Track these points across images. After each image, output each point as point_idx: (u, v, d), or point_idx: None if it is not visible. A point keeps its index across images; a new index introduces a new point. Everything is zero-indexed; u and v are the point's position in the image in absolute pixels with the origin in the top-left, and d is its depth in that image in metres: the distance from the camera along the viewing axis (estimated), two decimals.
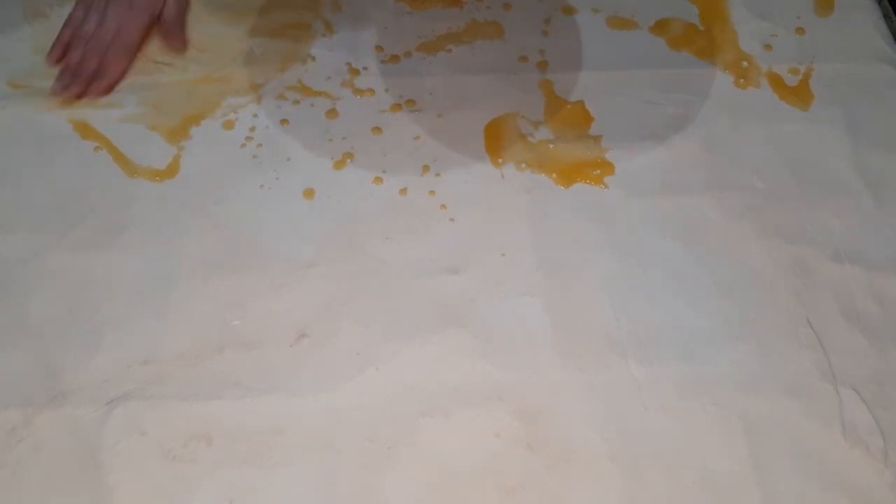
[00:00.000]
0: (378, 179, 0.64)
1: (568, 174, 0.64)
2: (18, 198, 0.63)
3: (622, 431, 0.52)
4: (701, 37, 0.73)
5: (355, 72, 0.70)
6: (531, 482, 0.51)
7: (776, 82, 0.69)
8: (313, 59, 0.71)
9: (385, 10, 0.75)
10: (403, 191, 0.63)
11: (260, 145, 0.66)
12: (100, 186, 0.63)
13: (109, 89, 0.68)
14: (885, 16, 0.73)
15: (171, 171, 0.64)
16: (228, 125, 0.67)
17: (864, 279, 0.58)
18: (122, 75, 0.69)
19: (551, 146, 0.66)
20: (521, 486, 0.50)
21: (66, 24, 0.69)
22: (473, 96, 0.69)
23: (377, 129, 0.67)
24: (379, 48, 0.72)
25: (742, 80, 0.70)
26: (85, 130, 0.66)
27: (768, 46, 0.72)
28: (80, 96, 0.68)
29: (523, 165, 0.65)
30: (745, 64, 0.71)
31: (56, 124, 0.67)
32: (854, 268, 0.59)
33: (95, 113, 0.67)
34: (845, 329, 0.56)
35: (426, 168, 0.65)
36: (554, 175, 0.64)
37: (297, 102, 0.68)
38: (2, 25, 0.73)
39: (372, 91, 0.69)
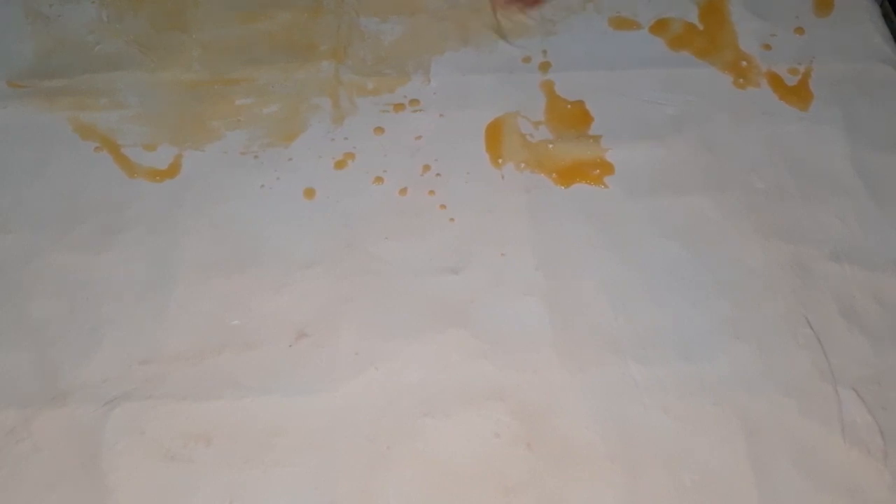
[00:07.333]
0: (378, 179, 0.64)
1: (568, 174, 0.64)
2: (18, 198, 0.63)
3: (622, 431, 0.52)
4: (701, 37, 0.72)
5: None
6: (531, 482, 0.51)
7: (776, 82, 0.69)
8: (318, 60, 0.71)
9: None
10: (403, 191, 0.63)
11: (261, 145, 0.66)
12: (100, 186, 0.63)
13: None
14: (885, 16, 0.73)
15: (172, 171, 0.64)
16: (232, 126, 0.67)
17: (864, 279, 0.58)
18: None
19: (551, 146, 0.66)
20: (521, 485, 0.50)
21: None
22: (476, 96, 0.69)
23: (379, 129, 0.67)
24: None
25: (741, 79, 0.70)
26: (85, 131, 0.66)
27: (767, 46, 0.72)
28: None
29: (523, 165, 0.65)
30: (744, 64, 0.71)
31: (56, 124, 0.67)
32: (854, 268, 0.59)
33: (96, 113, 0.67)
34: (845, 329, 0.56)
35: (426, 168, 0.65)
36: (554, 175, 0.64)
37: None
38: (2, 25, 0.73)
39: (377, 91, 0.69)
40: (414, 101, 0.68)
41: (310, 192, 0.63)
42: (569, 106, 0.68)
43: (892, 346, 0.56)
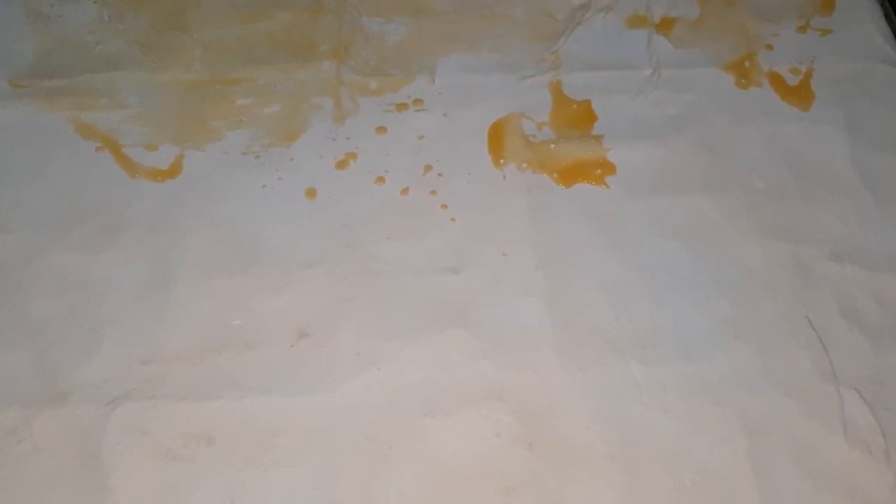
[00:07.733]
0: (380, 179, 0.64)
1: (569, 174, 0.64)
2: (18, 198, 0.63)
3: (622, 431, 0.52)
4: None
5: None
6: (531, 482, 0.51)
7: (777, 82, 0.69)
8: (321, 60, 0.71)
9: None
10: (405, 190, 0.63)
11: (263, 145, 0.66)
12: (100, 186, 0.63)
13: None
14: (886, 16, 0.73)
15: (174, 171, 0.64)
16: (233, 126, 0.67)
17: (864, 279, 0.58)
18: None
19: (553, 146, 0.65)
20: (521, 485, 0.50)
21: None
22: (482, 96, 0.69)
23: (381, 129, 0.67)
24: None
25: (743, 79, 0.69)
26: (87, 131, 0.66)
27: (769, 46, 0.71)
28: None
29: (524, 165, 0.65)
30: (746, 64, 0.70)
31: (57, 124, 0.67)
32: (854, 268, 0.59)
33: (97, 113, 0.67)
34: (845, 329, 0.56)
35: (428, 168, 0.65)
36: (555, 175, 0.64)
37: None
38: (2, 25, 0.73)
39: (380, 91, 0.69)
40: (418, 101, 0.68)
41: (311, 192, 0.63)
42: (575, 106, 0.68)
43: (893, 346, 0.56)
